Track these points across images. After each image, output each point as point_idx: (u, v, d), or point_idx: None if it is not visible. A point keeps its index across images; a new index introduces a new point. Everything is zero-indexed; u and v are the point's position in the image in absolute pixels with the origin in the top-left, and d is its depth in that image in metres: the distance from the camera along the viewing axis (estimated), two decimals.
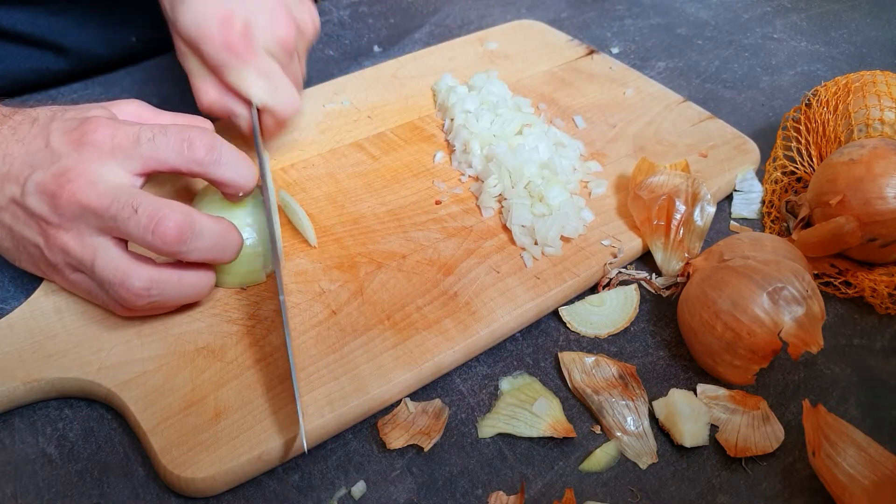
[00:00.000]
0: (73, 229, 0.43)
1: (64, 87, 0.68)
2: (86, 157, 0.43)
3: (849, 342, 0.48)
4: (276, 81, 0.53)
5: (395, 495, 0.40)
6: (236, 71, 0.51)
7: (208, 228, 0.43)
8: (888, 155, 0.49)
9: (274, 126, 0.55)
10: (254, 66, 0.52)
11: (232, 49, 0.51)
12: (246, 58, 0.51)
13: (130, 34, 0.71)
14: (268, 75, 0.52)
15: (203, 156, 0.45)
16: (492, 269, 0.50)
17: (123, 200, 0.42)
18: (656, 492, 0.40)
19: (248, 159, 0.47)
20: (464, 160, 0.58)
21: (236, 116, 0.54)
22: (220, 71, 0.52)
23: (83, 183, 0.42)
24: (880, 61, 0.75)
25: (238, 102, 0.53)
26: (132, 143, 0.44)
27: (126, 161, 0.43)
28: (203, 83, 0.53)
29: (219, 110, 0.53)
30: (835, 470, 0.38)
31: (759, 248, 0.46)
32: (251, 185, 0.47)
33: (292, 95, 0.54)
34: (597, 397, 0.44)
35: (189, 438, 0.40)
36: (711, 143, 0.60)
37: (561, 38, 0.74)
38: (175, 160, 0.44)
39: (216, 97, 0.53)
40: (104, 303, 0.45)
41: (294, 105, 0.54)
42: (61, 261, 0.44)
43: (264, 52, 0.53)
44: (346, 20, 0.81)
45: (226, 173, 0.45)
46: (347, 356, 0.45)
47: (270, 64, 0.53)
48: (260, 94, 0.52)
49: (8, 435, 0.42)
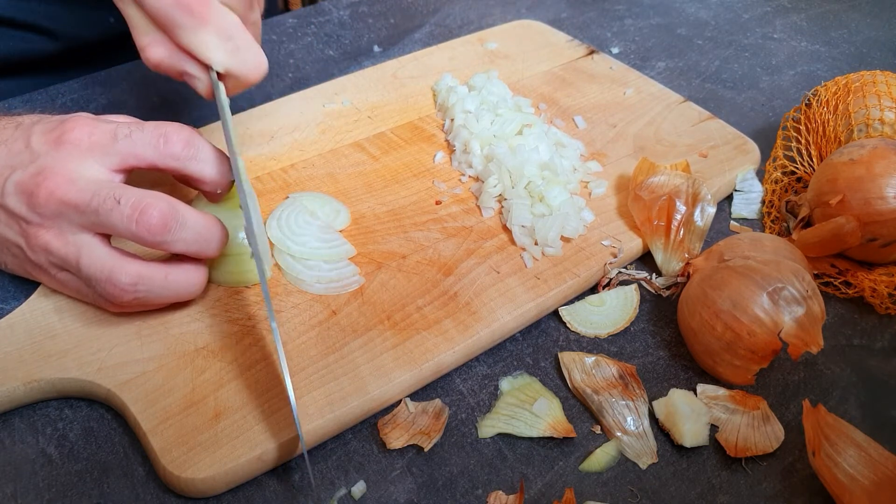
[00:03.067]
0: (53, 228, 0.43)
1: (63, 86, 0.68)
2: (64, 155, 0.43)
3: (849, 342, 0.48)
4: (239, 41, 0.47)
5: (395, 495, 0.40)
6: (192, 32, 0.45)
7: (192, 219, 0.43)
8: (888, 155, 0.49)
9: (236, 89, 0.49)
10: (212, 25, 0.45)
11: (184, 5, 0.44)
12: (202, 15, 0.45)
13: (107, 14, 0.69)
14: (228, 34, 0.46)
15: (180, 151, 0.44)
16: (492, 270, 0.50)
17: (105, 193, 0.42)
18: (656, 492, 0.40)
19: (226, 157, 0.46)
20: (464, 160, 0.58)
21: (191, 78, 0.48)
22: (172, 30, 0.45)
23: (61, 180, 0.42)
24: (880, 61, 0.75)
25: (193, 63, 0.47)
26: (109, 140, 0.44)
27: (104, 157, 0.43)
28: (148, 38, 0.46)
29: (169, 70, 0.47)
30: (835, 470, 0.38)
31: (759, 248, 0.46)
32: (228, 182, 0.47)
33: (257, 56, 0.48)
34: (597, 397, 0.44)
35: (189, 439, 0.40)
36: (711, 144, 0.60)
37: (561, 38, 0.74)
38: (152, 155, 0.44)
39: (166, 55, 0.46)
40: (93, 300, 0.45)
41: (261, 67, 0.48)
42: (45, 260, 0.44)
43: (220, 5, 0.46)
44: (346, 20, 0.81)
45: (203, 169, 0.45)
46: (347, 356, 0.45)
47: (230, 19, 0.46)
48: (222, 59, 0.46)
49: (8, 435, 0.42)
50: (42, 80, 0.69)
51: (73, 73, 0.69)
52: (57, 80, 0.69)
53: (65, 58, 0.71)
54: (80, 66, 0.71)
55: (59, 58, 0.71)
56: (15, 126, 0.46)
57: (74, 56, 0.72)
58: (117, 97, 0.67)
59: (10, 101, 0.66)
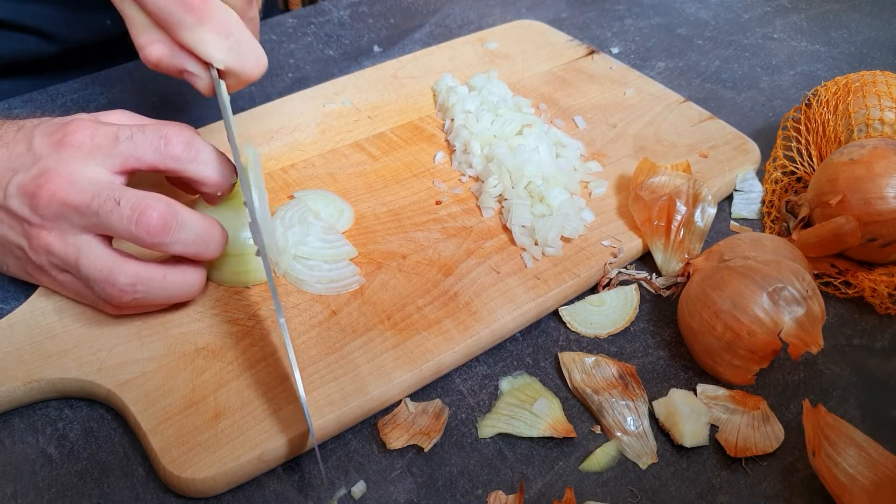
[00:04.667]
0: (55, 229, 0.43)
1: (63, 86, 0.68)
2: (66, 157, 0.43)
3: (849, 342, 0.48)
4: (239, 37, 0.47)
5: (395, 495, 0.40)
6: (191, 30, 0.45)
7: (191, 221, 0.43)
8: (888, 155, 0.49)
9: (237, 86, 0.49)
10: (212, 23, 0.45)
11: (184, 2, 0.44)
12: (202, 13, 0.44)
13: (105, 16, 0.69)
14: (228, 31, 0.46)
15: (180, 152, 0.44)
16: (492, 270, 0.50)
17: (105, 195, 0.42)
18: (656, 492, 0.40)
19: (227, 159, 0.46)
20: (464, 160, 0.58)
21: (192, 76, 0.48)
22: (172, 28, 0.45)
23: (62, 182, 0.42)
24: (880, 61, 0.75)
25: (193, 61, 0.47)
26: (111, 142, 0.44)
27: (105, 159, 0.44)
28: (148, 36, 0.46)
29: (169, 68, 0.47)
30: (835, 470, 0.38)
31: (759, 249, 0.46)
32: (229, 184, 0.47)
33: (258, 53, 0.48)
34: (597, 397, 0.44)
35: (189, 439, 0.40)
36: (712, 144, 0.60)
37: (561, 38, 0.74)
38: (153, 157, 0.44)
39: (165, 53, 0.46)
40: (93, 302, 0.45)
41: (261, 64, 0.49)
42: (46, 262, 0.44)
43: (219, 2, 0.46)
44: (346, 20, 0.81)
45: (203, 171, 0.45)
46: (347, 356, 0.45)
47: (229, 16, 0.46)
48: (223, 56, 0.46)
49: (8, 435, 0.42)
50: (40, 81, 0.69)
51: (71, 74, 0.69)
52: (55, 81, 0.69)
53: (63, 60, 0.71)
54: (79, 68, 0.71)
55: (57, 60, 0.71)
56: (17, 129, 0.46)
57: (72, 58, 0.72)
58: (117, 97, 0.68)
59: (9, 102, 0.66)
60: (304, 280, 0.48)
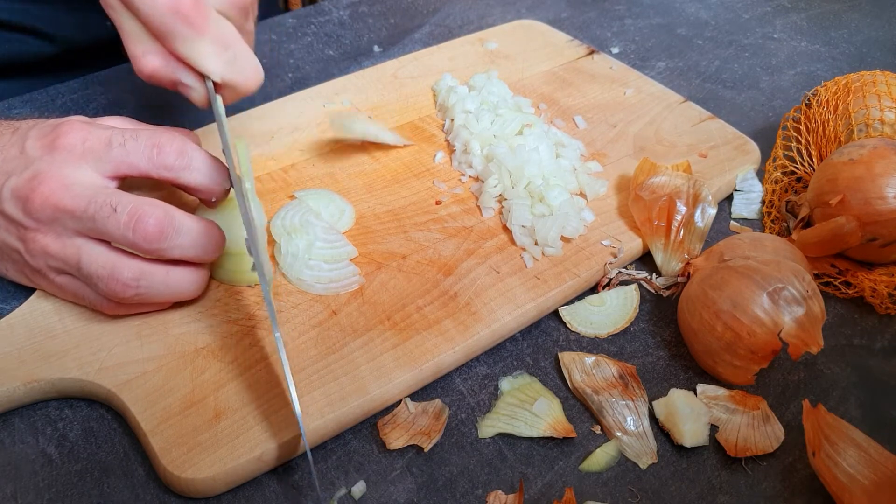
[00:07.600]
0: (50, 232, 0.43)
1: (63, 86, 0.68)
2: (58, 160, 0.43)
3: (849, 342, 0.48)
4: (236, 50, 0.46)
5: (395, 495, 0.40)
6: (188, 43, 0.44)
7: (188, 226, 0.43)
8: (888, 155, 0.49)
9: (232, 98, 0.49)
10: (210, 35, 0.45)
11: (181, 14, 0.43)
12: (199, 26, 0.44)
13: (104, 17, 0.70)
14: (225, 44, 0.46)
15: (173, 161, 0.44)
16: (492, 270, 0.50)
17: (101, 200, 0.42)
18: (656, 492, 0.40)
19: (221, 165, 0.46)
20: (464, 160, 0.58)
21: (187, 88, 0.47)
22: (168, 40, 0.44)
23: (55, 186, 0.42)
24: (880, 61, 0.75)
25: (188, 72, 0.46)
26: (104, 147, 0.43)
27: (97, 164, 0.43)
28: (142, 47, 0.45)
29: (163, 80, 0.47)
30: (835, 470, 0.38)
31: (759, 248, 0.46)
32: (222, 190, 0.47)
33: (254, 66, 0.48)
34: (597, 397, 0.44)
35: (189, 439, 0.40)
36: (712, 144, 0.60)
37: (561, 38, 0.74)
38: (145, 165, 0.44)
39: (160, 64, 0.46)
40: (91, 303, 0.45)
41: (258, 77, 0.48)
42: (44, 264, 0.44)
43: (217, 14, 0.45)
44: (346, 20, 0.81)
45: (196, 179, 0.45)
46: (347, 356, 0.45)
47: (226, 29, 0.46)
48: (219, 69, 0.46)
49: (8, 435, 0.42)
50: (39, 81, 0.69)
51: (71, 75, 0.69)
52: (55, 82, 0.69)
53: (62, 60, 0.71)
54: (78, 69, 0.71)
55: (57, 60, 0.71)
56: (12, 131, 0.46)
57: (72, 59, 0.72)
58: (117, 97, 0.67)
59: (9, 102, 0.66)
60: (304, 280, 0.48)
